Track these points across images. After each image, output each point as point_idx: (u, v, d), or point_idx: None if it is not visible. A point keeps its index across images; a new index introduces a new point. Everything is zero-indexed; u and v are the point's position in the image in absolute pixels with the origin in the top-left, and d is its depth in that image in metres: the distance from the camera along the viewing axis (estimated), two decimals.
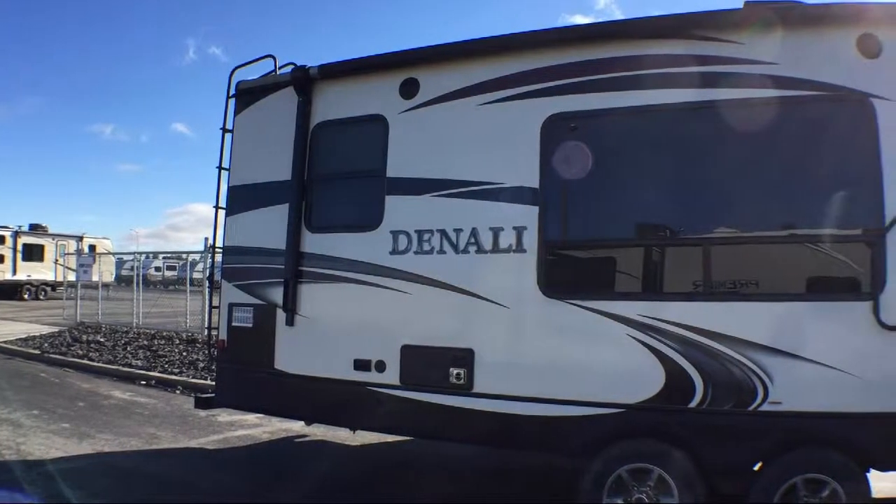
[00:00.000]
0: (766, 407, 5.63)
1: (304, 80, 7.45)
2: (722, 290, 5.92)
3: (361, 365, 6.86)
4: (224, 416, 10.79)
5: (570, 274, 6.53)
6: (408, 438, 9.11)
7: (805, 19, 5.89)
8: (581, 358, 6.14)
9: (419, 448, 9.19)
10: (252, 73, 8.30)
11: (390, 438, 9.38)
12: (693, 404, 5.81)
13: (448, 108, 6.79)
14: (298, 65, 7.63)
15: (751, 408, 5.67)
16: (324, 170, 7.44)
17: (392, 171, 6.95)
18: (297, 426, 9.87)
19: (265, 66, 8.24)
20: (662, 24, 6.29)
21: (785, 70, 5.83)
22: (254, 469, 8.41)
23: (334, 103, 7.45)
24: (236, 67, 8.33)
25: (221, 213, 8.17)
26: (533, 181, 6.36)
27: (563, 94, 6.40)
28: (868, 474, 5.58)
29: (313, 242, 7.31)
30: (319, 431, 9.96)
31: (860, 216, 5.68)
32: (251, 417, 10.46)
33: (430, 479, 8.04)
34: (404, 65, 7.11)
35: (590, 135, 6.39)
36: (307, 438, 9.95)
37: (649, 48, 6.23)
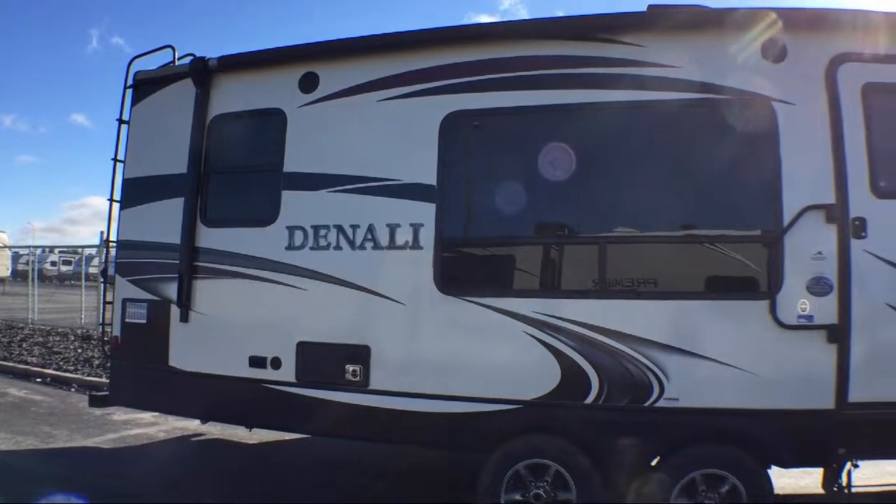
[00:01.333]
0: (662, 403, 5.67)
1: (203, 72, 7.20)
2: (619, 288, 5.97)
3: (257, 362, 6.66)
4: (119, 414, 10.42)
5: (466, 271, 6.47)
6: (306, 436, 8.86)
7: (709, 23, 5.92)
8: (477, 354, 6.08)
9: (318, 446, 9.02)
10: (152, 64, 8.01)
11: (287, 436, 9.15)
12: (589, 400, 5.82)
13: (347, 103, 6.65)
14: (198, 56, 7.27)
15: (647, 404, 5.70)
16: (220, 163, 7.21)
17: (289, 165, 6.78)
18: (193, 424, 9.59)
19: (166, 57, 7.93)
20: (564, 25, 6.28)
21: (686, 73, 5.86)
22: (147, 469, 8.26)
23: (233, 96, 7.22)
24: (135, 57, 8.01)
25: (116, 206, 7.79)
26: (430, 178, 6.28)
27: (463, 91, 6.33)
28: (769, 471, 5.71)
29: (208, 237, 7.07)
30: (216, 430, 9.71)
31: (759, 218, 5.78)
32: (147, 416, 10.37)
33: (327, 478, 7.91)
34: (304, 59, 6.93)
35: (489, 133, 6.37)
36: (204, 437, 9.67)
37: (551, 49, 6.20)
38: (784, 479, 7.03)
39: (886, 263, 5.64)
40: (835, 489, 6.00)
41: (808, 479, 7.11)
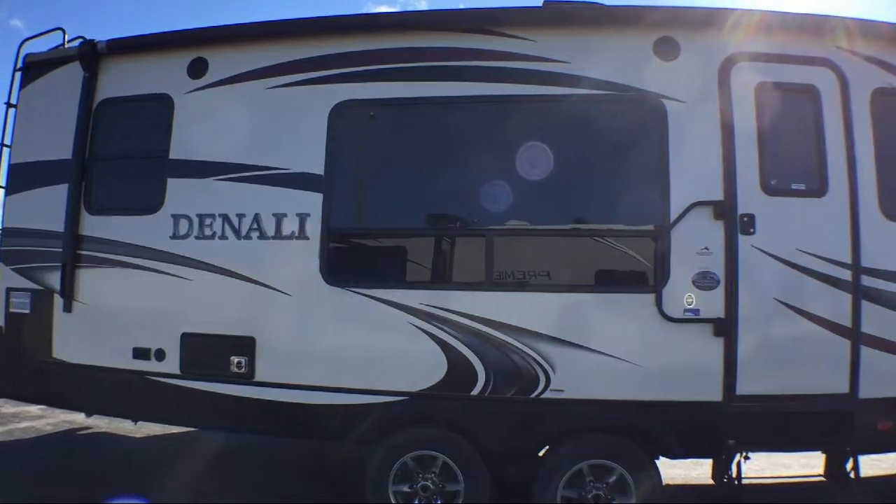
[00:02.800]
0: (548, 395, 5.61)
1: (92, 55, 6.85)
2: (507, 280, 5.88)
3: (141, 353, 6.34)
4: (8, 406, 9.97)
5: (353, 262, 6.27)
6: (193, 430, 8.45)
7: (602, 20, 5.89)
8: (364, 346, 5.92)
9: (209, 439, 8.63)
10: (45, 47, 7.60)
11: (174, 430, 8.85)
12: (475, 392, 5.72)
13: (236, 90, 6.38)
14: (87, 39, 6.89)
15: (533, 395, 5.65)
16: (106, 149, 6.85)
17: (175, 152, 6.47)
18: (80, 417, 9.08)
19: (59, 40, 7.57)
20: (458, 17, 6.16)
21: (576, 69, 5.81)
22: (33, 464, 7.90)
23: (121, 80, 6.87)
24: (25, 39, 7.53)
25: (2, 192, 7.35)
26: (318, 168, 6.07)
27: (354, 81, 6.14)
28: (657, 461, 5.72)
29: (93, 225, 6.71)
30: (104, 423, 9.28)
31: (648, 212, 5.74)
32: (34, 409, 9.93)
33: (214, 472, 7.62)
34: (194, 44, 6.63)
35: (379, 124, 6.21)
36: (91, 431, 9.27)
37: (443, 41, 6.07)
38: (675, 470, 7.09)
39: (775, 259, 5.67)
40: (724, 480, 5.98)
41: (700, 470, 7.12)
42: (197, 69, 6.57)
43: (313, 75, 5.99)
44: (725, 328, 5.46)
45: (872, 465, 7.52)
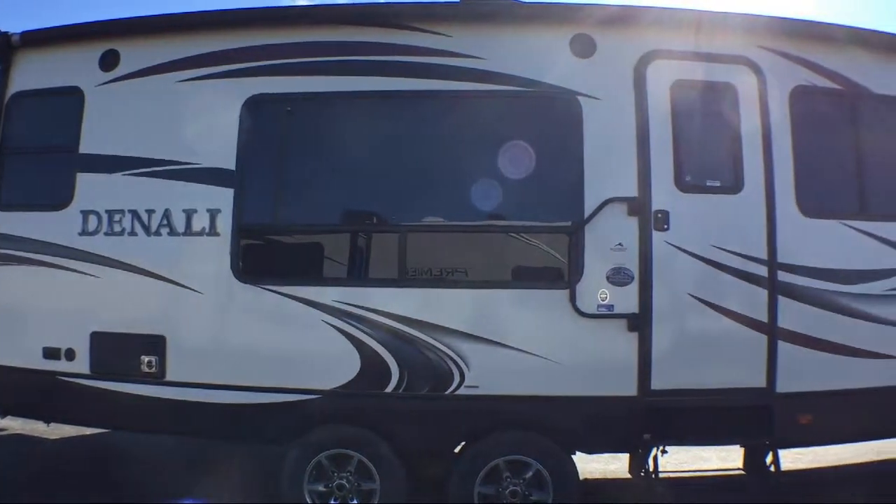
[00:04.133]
0: (462, 391, 5.56)
1: (4, 47, 6.62)
2: (421, 277, 5.84)
3: (51, 353, 6.16)
4: None
5: (265, 259, 6.16)
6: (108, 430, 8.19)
7: (518, 17, 5.87)
8: (277, 344, 5.80)
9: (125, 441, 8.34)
10: None
11: (88, 431, 8.61)
12: (389, 389, 5.65)
13: (148, 82, 6.22)
14: (1, 31, 6.74)
15: (447, 392, 5.59)
16: (15, 143, 6.63)
17: (85, 146, 6.29)
18: None
19: None
20: (374, 12, 6.09)
21: (492, 65, 5.76)
22: None
23: (33, 73, 6.67)
24: None
25: None
26: (229, 162, 5.93)
27: (267, 75, 6.02)
28: (574, 456, 5.72)
29: (2, 221, 6.49)
30: (17, 424, 8.95)
31: (562, 209, 5.74)
32: None
33: (128, 475, 7.34)
34: (105, 36, 6.45)
35: (292, 118, 6.10)
36: (4, 433, 8.97)
37: (358, 35, 5.99)
38: (593, 465, 7.15)
39: (689, 255, 5.69)
40: (641, 474, 5.98)
41: (618, 464, 7.09)
42: (108, 62, 6.40)
43: (224, 69, 5.83)
44: (640, 323, 5.49)
45: (794, 458, 7.56)
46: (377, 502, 5.68)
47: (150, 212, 6.05)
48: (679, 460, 6.67)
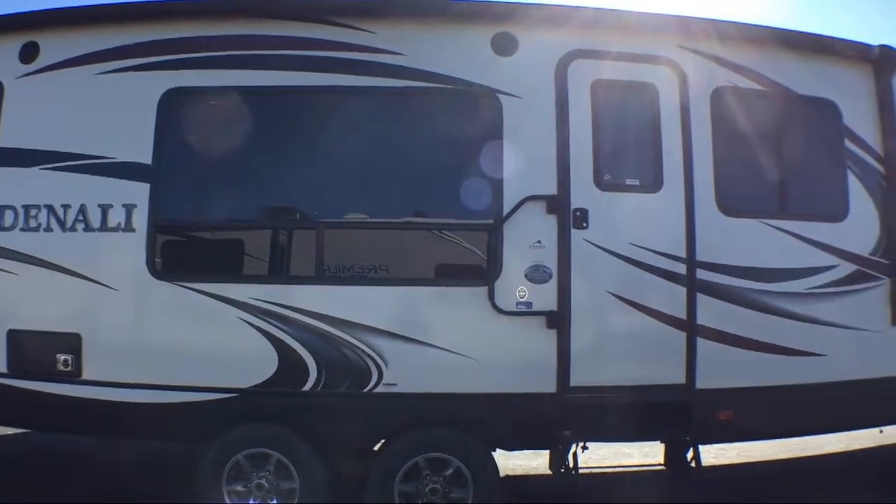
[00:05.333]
0: (381, 389, 5.56)
1: None
2: (339, 275, 5.86)
3: None
4: None
5: (181, 255, 6.08)
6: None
7: (440, 14, 5.87)
8: (193, 342, 5.74)
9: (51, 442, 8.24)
10: None
11: (10, 431, 8.40)
12: (307, 387, 5.62)
13: (67, 75, 6.13)
14: None
15: (366, 390, 5.58)
16: None
17: (4, 140, 6.20)
18: None
19: None
20: (297, 6, 6.04)
21: (413, 62, 5.77)
22: None
23: None
24: None
25: None
26: (146, 157, 5.86)
27: (185, 68, 5.95)
28: (494, 453, 5.76)
29: None
30: None
31: (482, 206, 5.72)
32: None
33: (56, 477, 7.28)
34: (26, 27, 6.33)
35: (211, 112, 6.00)
36: None
37: (279, 29, 5.94)
38: (515, 461, 7.22)
39: (608, 253, 5.76)
40: (562, 470, 6.01)
41: (540, 461, 7.11)
42: (28, 54, 6.29)
43: (142, 61, 5.71)
44: (558, 321, 5.54)
45: (718, 453, 7.67)
46: (297, 502, 5.67)
47: (65, 207, 5.97)
48: (601, 456, 6.72)
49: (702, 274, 5.99)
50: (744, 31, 6.42)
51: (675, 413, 6.00)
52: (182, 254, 5.99)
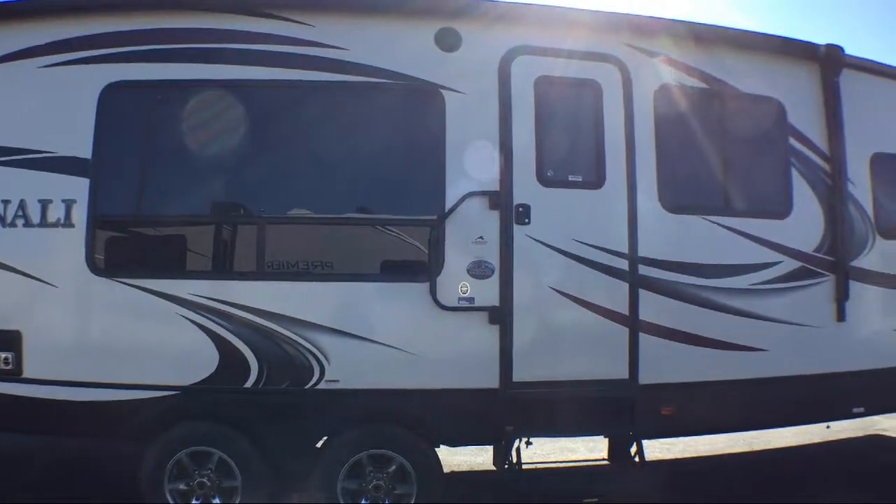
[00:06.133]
0: (323, 385, 5.58)
1: None
2: (282, 270, 5.84)
3: None
4: None
5: (121, 251, 6.04)
6: None
7: (382, 8, 5.90)
8: (134, 339, 5.73)
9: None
10: None
11: None
12: (249, 384, 5.64)
13: (9, 69, 6.09)
14: None
15: (307, 386, 5.61)
16: None
17: None
18: None
19: None
20: None
21: (355, 56, 5.80)
22: None
23: None
24: None
25: None
26: (86, 151, 5.83)
27: (126, 62, 5.92)
28: (438, 449, 5.83)
29: None
30: None
31: (424, 202, 5.81)
32: None
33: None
34: None
35: (152, 106, 6.03)
36: None
37: (222, 22, 5.93)
38: (460, 457, 7.32)
39: (550, 248, 5.86)
40: (506, 466, 6.08)
41: (484, 457, 7.14)
42: None
43: (83, 55, 5.65)
44: (501, 316, 5.60)
45: (663, 448, 7.78)
46: (239, 500, 5.68)
47: (5, 202, 5.94)
48: (547, 451, 6.80)
49: (644, 270, 6.09)
50: (689, 30, 6.53)
51: (618, 408, 6.11)
52: (122, 250, 5.79)
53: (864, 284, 6.91)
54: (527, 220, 5.60)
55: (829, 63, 6.92)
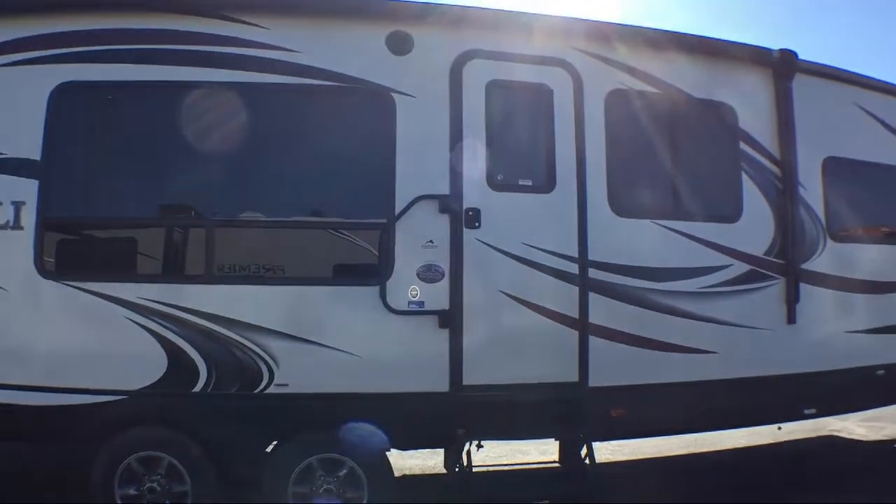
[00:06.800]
0: (272, 389, 5.63)
1: None
2: (231, 274, 5.87)
3: None
4: None
5: (70, 254, 5.98)
6: None
7: (334, 11, 5.97)
8: (82, 342, 5.71)
9: None
10: None
11: None
12: (198, 389, 5.66)
13: None
14: None
15: (257, 391, 5.65)
16: None
17: None
18: None
19: None
20: (191, 0, 6.06)
21: (308, 59, 5.86)
22: None
23: None
24: None
25: None
26: (35, 153, 5.81)
27: (76, 62, 5.90)
28: (389, 452, 5.85)
29: None
30: None
31: (375, 205, 5.90)
32: None
33: None
34: None
35: (103, 108, 6.02)
36: None
37: (174, 23, 5.96)
38: (411, 461, 7.37)
39: (500, 252, 5.95)
40: (457, 469, 6.16)
41: (436, 460, 7.25)
42: None
43: (33, 55, 5.63)
44: (451, 320, 5.67)
45: (614, 450, 7.93)
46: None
47: None
48: (499, 454, 6.90)
49: (594, 273, 6.22)
50: (640, 35, 6.68)
51: (568, 411, 6.21)
52: (72, 252, 5.77)
53: (815, 287, 7.07)
54: (477, 224, 5.68)
55: (782, 68, 7.09)
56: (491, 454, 6.31)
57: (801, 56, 7.10)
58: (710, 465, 8.25)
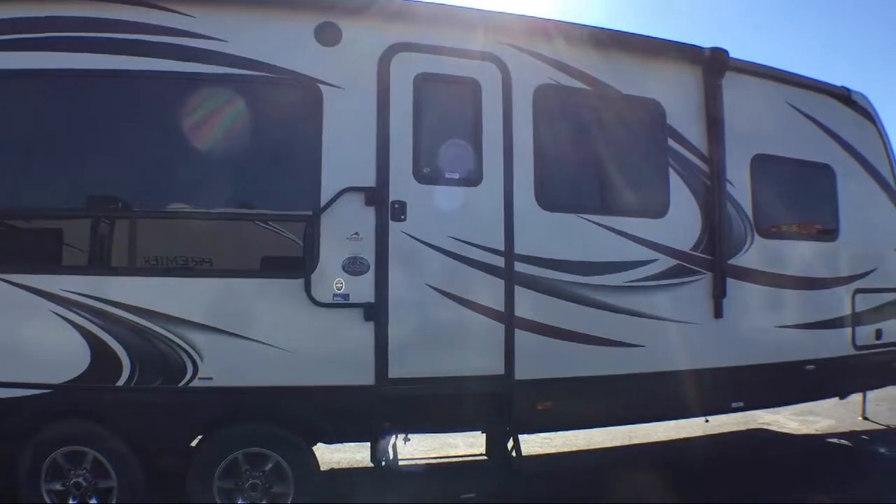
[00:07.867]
0: (196, 383, 5.66)
1: None
2: (155, 266, 5.86)
3: None
4: None
5: None
6: None
7: (263, 1, 6.01)
8: (5, 335, 5.64)
9: None
10: None
11: None
12: (121, 382, 5.66)
13: None
14: None
15: (180, 384, 5.68)
16: None
17: None
18: None
19: None
20: None
21: (234, 48, 5.88)
22: None
23: None
24: None
25: None
26: None
27: (4, 50, 5.83)
28: (315, 446, 5.95)
29: None
30: None
31: (300, 197, 5.92)
32: None
33: None
34: None
35: (25, 96, 5.99)
36: None
37: (96, 10, 5.87)
38: (339, 454, 7.51)
39: (426, 245, 6.06)
40: (383, 463, 6.33)
41: (364, 453, 7.24)
42: None
43: None
44: (376, 313, 5.71)
45: (544, 442, 8.15)
46: (116, 500, 5.73)
47: None
48: (428, 447, 7.06)
49: (520, 267, 6.36)
50: (570, 31, 6.82)
51: (494, 404, 6.38)
52: None
53: (742, 282, 7.33)
54: (403, 217, 5.76)
55: (712, 66, 7.32)
56: (419, 447, 6.44)
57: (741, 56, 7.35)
58: (640, 456, 8.52)
